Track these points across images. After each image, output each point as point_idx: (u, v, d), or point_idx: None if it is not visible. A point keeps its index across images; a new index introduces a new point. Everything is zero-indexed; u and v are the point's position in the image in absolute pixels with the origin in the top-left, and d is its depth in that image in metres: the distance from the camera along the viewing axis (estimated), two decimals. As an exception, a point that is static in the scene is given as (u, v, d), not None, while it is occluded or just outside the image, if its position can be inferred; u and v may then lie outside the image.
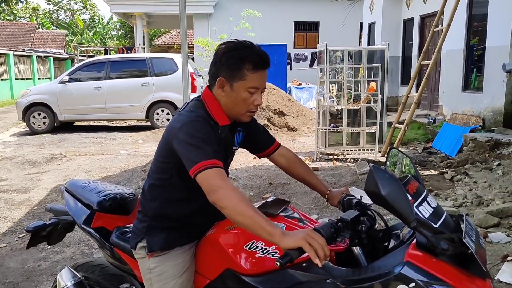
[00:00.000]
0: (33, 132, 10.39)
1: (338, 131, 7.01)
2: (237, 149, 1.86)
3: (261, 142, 1.93)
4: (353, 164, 6.24)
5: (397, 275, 1.27)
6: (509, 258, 3.27)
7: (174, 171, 1.65)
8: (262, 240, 1.52)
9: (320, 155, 6.92)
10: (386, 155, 1.94)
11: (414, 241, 1.34)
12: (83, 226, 2.04)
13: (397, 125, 7.07)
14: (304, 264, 1.44)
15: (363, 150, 6.95)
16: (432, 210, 1.36)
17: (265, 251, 1.52)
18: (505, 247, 3.63)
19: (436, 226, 1.31)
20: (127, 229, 1.97)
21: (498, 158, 5.81)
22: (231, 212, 1.40)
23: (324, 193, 1.86)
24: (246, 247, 1.56)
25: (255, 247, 1.54)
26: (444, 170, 5.80)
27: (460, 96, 8.32)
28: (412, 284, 1.25)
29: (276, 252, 1.50)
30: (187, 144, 1.51)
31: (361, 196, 1.73)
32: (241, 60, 1.58)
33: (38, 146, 8.71)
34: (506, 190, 4.79)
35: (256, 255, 1.53)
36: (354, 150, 6.96)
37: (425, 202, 1.37)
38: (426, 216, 1.33)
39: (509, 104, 6.82)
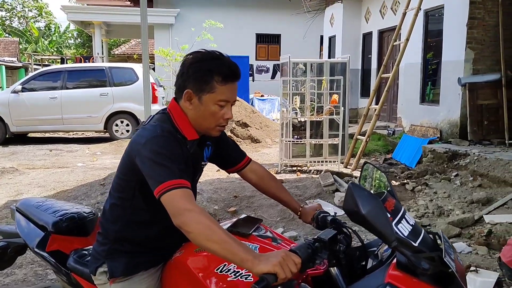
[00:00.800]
0: (-18, 145, 9.83)
1: (301, 143, 7.03)
2: (205, 164, 1.76)
3: (231, 157, 1.84)
4: (317, 176, 6.25)
5: None
6: (471, 268, 3.31)
7: (136, 190, 1.54)
8: None
9: (284, 167, 6.91)
10: (360, 170, 1.90)
11: (394, 261, 1.30)
12: (36, 250, 1.87)
13: (359, 136, 7.17)
14: None
15: (326, 161, 7.00)
16: (411, 228, 1.32)
17: (237, 274, 1.43)
18: (467, 257, 3.69)
19: (416, 244, 1.28)
20: (85, 252, 1.82)
21: (456, 169, 5.98)
22: (198, 237, 1.29)
23: (296, 210, 1.79)
24: (217, 270, 1.46)
25: (226, 270, 1.45)
26: (405, 181, 5.91)
27: (418, 109, 8.57)
28: None
29: (249, 275, 1.41)
30: (152, 162, 1.40)
31: (335, 213, 1.68)
32: (209, 72, 1.50)
33: (-12, 160, 8.22)
34: (465, 200, 4.92)
35: (228, 279, 1.44)
36: (317, 162, 7.00)
37: (403, 219, 1.33)
38: (406, 234, 1.29)
39: (464, 116, 7.07)
